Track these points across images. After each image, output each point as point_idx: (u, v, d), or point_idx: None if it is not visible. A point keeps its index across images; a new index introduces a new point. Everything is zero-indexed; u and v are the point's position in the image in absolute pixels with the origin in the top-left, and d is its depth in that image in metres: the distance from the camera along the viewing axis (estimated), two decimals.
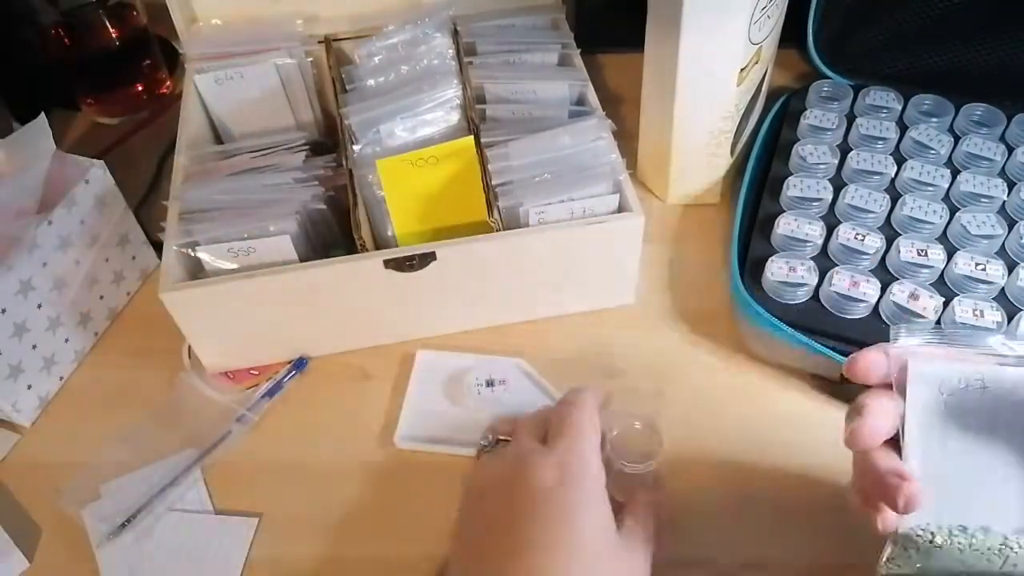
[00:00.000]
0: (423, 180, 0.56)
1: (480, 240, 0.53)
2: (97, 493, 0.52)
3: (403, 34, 0.65)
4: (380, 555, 0.49)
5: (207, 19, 0.70)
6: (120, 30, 0.75)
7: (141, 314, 0.63)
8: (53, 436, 0.57)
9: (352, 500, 0.52)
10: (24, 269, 0.53)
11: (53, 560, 0.50)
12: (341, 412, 0.56)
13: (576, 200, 0.54)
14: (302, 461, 0.54)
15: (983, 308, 0.50)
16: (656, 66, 0.60)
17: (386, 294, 0.55)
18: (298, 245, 0.54)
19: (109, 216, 0.60)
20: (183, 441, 0.54)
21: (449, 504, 0.49)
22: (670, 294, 0.61)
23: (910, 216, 0.56)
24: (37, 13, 0.72)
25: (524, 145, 0.57)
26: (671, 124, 0.61)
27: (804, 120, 0.65)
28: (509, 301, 0.58)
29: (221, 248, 0.53)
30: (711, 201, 0.67)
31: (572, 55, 0.67)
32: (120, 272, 0.62)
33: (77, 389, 0.59)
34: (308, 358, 0.59)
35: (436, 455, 0.53)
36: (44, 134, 0.58)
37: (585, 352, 0.58)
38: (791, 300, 0.53)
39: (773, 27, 0.61)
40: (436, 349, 0.59)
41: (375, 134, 0.59)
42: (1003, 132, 0.63)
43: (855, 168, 0.60)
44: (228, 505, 0.52)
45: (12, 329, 0.53)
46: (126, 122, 0.80)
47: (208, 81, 0.66)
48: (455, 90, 0.61)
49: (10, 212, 0.56)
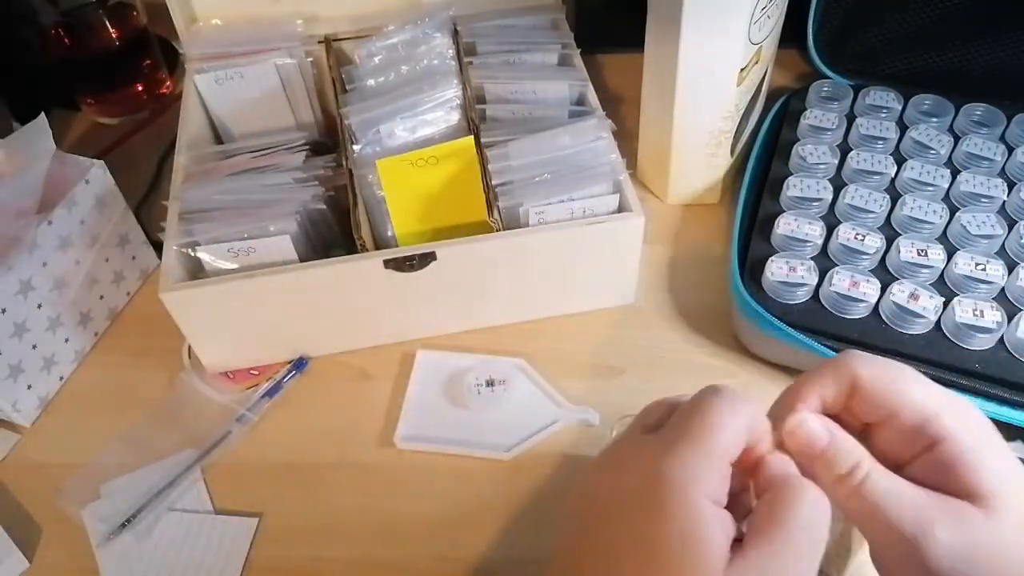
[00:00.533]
0: (423, 180, 0.56)
1: (480, 240, 0.53)
2: (97, 493, 0.52)
3: (403, 34, 0.65)
4: (380, 555, 0.49)
5: (207, 19, 0.70)
6: (120, 30, 0.75)
7: (141, 314, 0.63)
8: (53, 436, 0.57)
9: (351, 501, 0.52)
10: (24, 269, 0.53)
11: (53, 560, 0.50)
12: (341, 412, 0.56)
13: (576, 200, 0.54)
14: (302, 461, 0.54)
15: (983, 308, 0.50)
16: (656, 66, 0.60)
17: (386, 294, 0.55)
18: (298, 245, 0.54)
19: (109, 216, 0.60)
20: (183, 441, 0.54)
21: (450, 504, 0.49)
22: (670, 294, 0.61)
23: (910, 216, 0.56)
24: (37, 13, 0.72)
25: (524, 145, 0.57)
26: (671, 124, 0.61)
27: (804, 120, 0.65)
28: (509, 301, 0.58)
29: (221, 248, 0.53)
30: (711, 201, 0.67)
31: (572, 55, 0.67)
32: (120, 272, 0.62)
33: (77, 389, 0.59)
34: (308, 358, 0.59)
35: (436, 455, 0.53)
36: (44, 134, 0.58)
37: (585, 352, 0.58)
38: (791, 300, 0.53)
39: (773, 27, 0.61)
40: (436, 349, 0.59)
41: (375, 134, 0.59)
42: (1003, 132, 0.63)
43: (855, 168, 0.60)
44: (228, 505, 0.52)
45: (12, 329, 0.53)
46: (126, 122, 0.80)
47: (208, 81, 0.66)
48: (455, 90, 0.61)
49: (10, 212, 0.56)
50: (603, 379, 0.56)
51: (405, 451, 0.54)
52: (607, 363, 0.57)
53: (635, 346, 0.58)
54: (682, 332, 0.59)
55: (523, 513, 0.50)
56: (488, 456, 0.53)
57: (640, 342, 0.59)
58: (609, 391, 0.56)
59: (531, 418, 0.54)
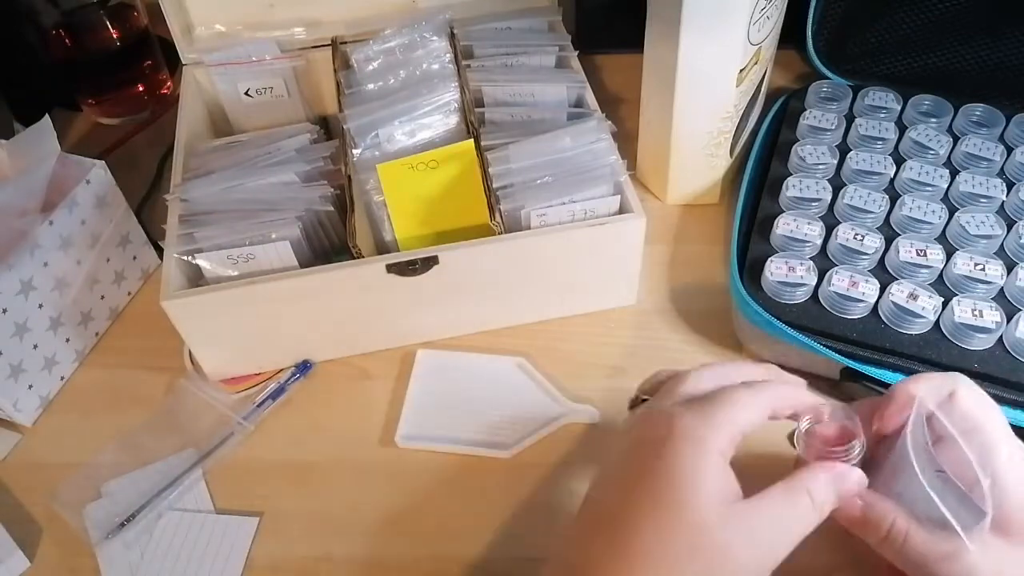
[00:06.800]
0: (423, 184, 0.56)
1: (483, 243, 0.53)
2: (97, 493, 0.52)
3: (400, 38, 0.64)
4: (380, 555, 0.49)
5: (204, 25, 0.69)
6: (121, 31, 0.75)
7: (142, 314, 0.63)
8: (54, 436, 0.57)
9: (352, 500, 0.52)
10: (25, 269, 0.53)
11: (53, 560, 0.50)
12: (342, 412, 0.56)
13: (577, 202, 0.54)
14: (303, 461, 0.54)
15: (982, 308, 0.50)
16: (656, 67, 0.60)
17: (388, 299, 0.55)
18: (299, 250, 0.54)
19: (110, 216, 0.60)
20: (184, 442, 0.55)
21: (450, 503, 0.49)
22: (670, 294, 0.62)
23: (909, 216, 0.57)
24: (38, 14, 0.72)
25: (524, 148, 0.57)
26: (671, 125, 0.61)
27: (803, 120, 0.65)
28: (511, 304, 0.58)
29: (220, 255, 0.53)
30: (711, 201, 0.68)
31: (569, 57, 0.67)
32: (121, 272, 0.62)
33: (78, 389, 0.59)
34: (312, 362, 0.59)
35: (437, 454, 0.53)
36: (48, 135, 0.58)
37: (585, 352, 0.58)
38: (790, 300, 0.53)
39: (772, 28, 0.61)
40: (437, 348, 0.59)
41: (374, 138, 0.59)
42: (1002, 132, 0.63)
43: (854, 168, 0.61)
44: (229, 504, 0.52)
45: (13, 329, 0.54)
46: (127, 122, 0.80)
47: (208, 82, 0.66)
48: (453, 93, 0.61)
49: (14, 213, 0.56)
50: (603, 379, 0.57)
51: (406, 450, 0.54)
52: (607, 363, 0.57)
53: (635, 345, 0.58)
54: (682, 332, 0.59)
55: (524, 512, 0.50)
56: (489, 455, 0.53)
57: (640, 341, 0.59)
58: (609, 390, 0.56)
59: (532, 417, 0.54)
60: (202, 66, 0.68)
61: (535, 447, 0.53)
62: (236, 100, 0.68)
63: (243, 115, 0.69)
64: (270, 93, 0.68)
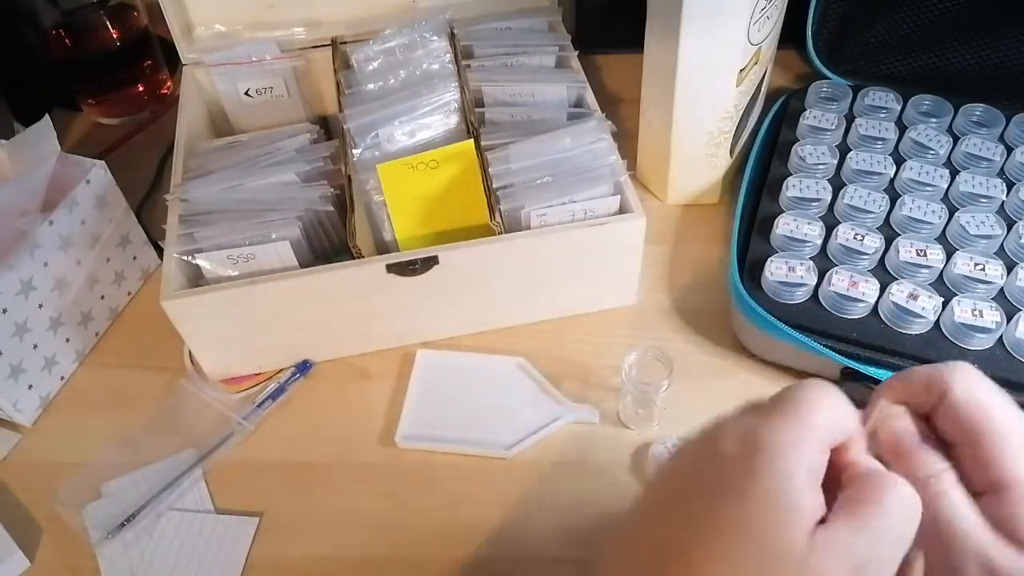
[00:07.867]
0: (423, 184, 0.56)
1: (482, 243, 0.53)
2: (97, 493, 0.52)
3: (400, 38, 0.64)
4: (380, 555, 0.49)
5: (204, 25, 0.69)
6: (121, 31, 0.75)
7: (142, 314, 0.63)
8: (54, 436, 0.57)
9: (352, 500, 0.52)
10: (25, 269, 0.53)
11: (54, 559, 0.50)
12: (342, 411, 0.56)
13: (577, 202, 0.54)
14: (303, 461, 0.54)
15: (982, 308, 0.50)
16: (656, 67, 0.60)
17: (388, 299, 0.55)
18: (299, 250, 0.54)
19: (110, 216, 0.60)
20: (184, 442, 0.55)
21: (451, 503, 0.49)
22: (670, 294, 0.62)
23: (909, 216, 0.57)
24: (38, 14, 0.72)
25: (524, 148, 0.57)
26: (671, 124, 0.61)
27: (803, 120, 0.65)
28: (511, 304, 0.58)
29: (220, 255, 0.53)
30: (711, 201, 0.68)
31: (569, 57, 0.67)
32: (121, 272, 0.63)
33: (78, 389, 0.59)
34: (312, 362, 0.59)
35: (437, 454, 0.53)
36: (49, 136, 0.58)
37: (585, 351, 0.58)
38: (790, 300, 0.53)
39: (772, 28, 0.61)
40: (437, 348, 0.59)
41: (374, 138, 0.59)
42: (1002, 132, 0.63)
43: (854, 168, 0.61)
44: (229, 505, 0.52)
45: (13, 329, 0.54)
46: (127, 122, 0.80)
47: (208, 82, 0.66)
48: (453, 93, 0.61)
49: (14, 213, 0.56)
50: (603, 378, 0.57)
51: (406, 450, 0.54)
52: (607, 362, 0.57)
53: (635, 345, 0.58)
54: (682, 332, 0.59)
55: (524, 512, 0.50)
56: (489, 455, 0.53)
57: (640, 341, 0.58)
58: (610, 390, 0.56)
59: (532, 416, 0.54)
60: (202, 66, 0.68)
61: (535, 447, 0.53)
62: (236, 100, 0.68)
63: (243, 115, 0.69)
64: (270, 93, 0.68)
